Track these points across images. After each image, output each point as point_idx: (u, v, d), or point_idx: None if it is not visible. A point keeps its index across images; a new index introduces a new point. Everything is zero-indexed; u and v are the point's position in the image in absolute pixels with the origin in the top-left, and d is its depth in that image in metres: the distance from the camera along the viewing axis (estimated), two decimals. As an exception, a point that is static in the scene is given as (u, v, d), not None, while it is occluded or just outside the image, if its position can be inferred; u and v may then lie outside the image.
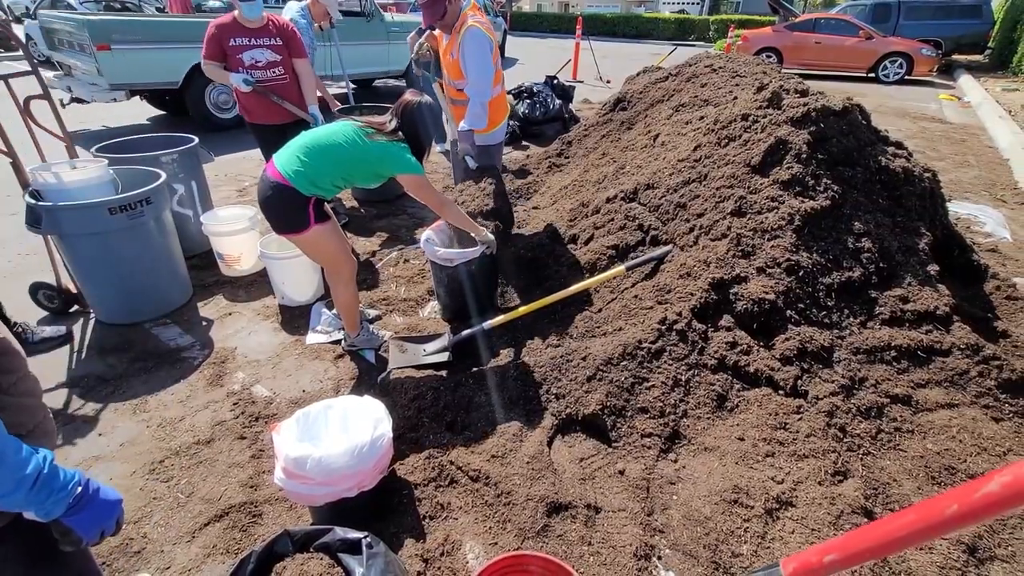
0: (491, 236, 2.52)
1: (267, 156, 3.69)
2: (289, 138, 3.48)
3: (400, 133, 2.21)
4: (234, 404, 2.33)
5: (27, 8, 13.55)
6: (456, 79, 2.92)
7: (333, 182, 2.16)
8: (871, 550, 0.64)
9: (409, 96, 2.24)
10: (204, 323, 2.92)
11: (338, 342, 2.73)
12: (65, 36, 6.21)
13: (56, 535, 0.90)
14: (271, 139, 3.58)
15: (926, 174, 2.64)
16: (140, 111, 7.68)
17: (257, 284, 3.31)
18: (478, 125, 2.84)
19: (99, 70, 5.74)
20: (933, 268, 2.36)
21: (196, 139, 3.51)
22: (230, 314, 3.01)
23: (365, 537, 1.33)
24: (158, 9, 8.32)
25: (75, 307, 2.99)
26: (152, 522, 1.81)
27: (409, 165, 2.17)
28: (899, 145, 2.77)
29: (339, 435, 1.74)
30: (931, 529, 0.58)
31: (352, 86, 9.57)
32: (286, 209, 2.16)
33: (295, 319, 2.96)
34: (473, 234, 2.50)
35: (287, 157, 2.14)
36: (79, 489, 0.88)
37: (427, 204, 2.32)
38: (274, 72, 3.42)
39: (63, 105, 6.34)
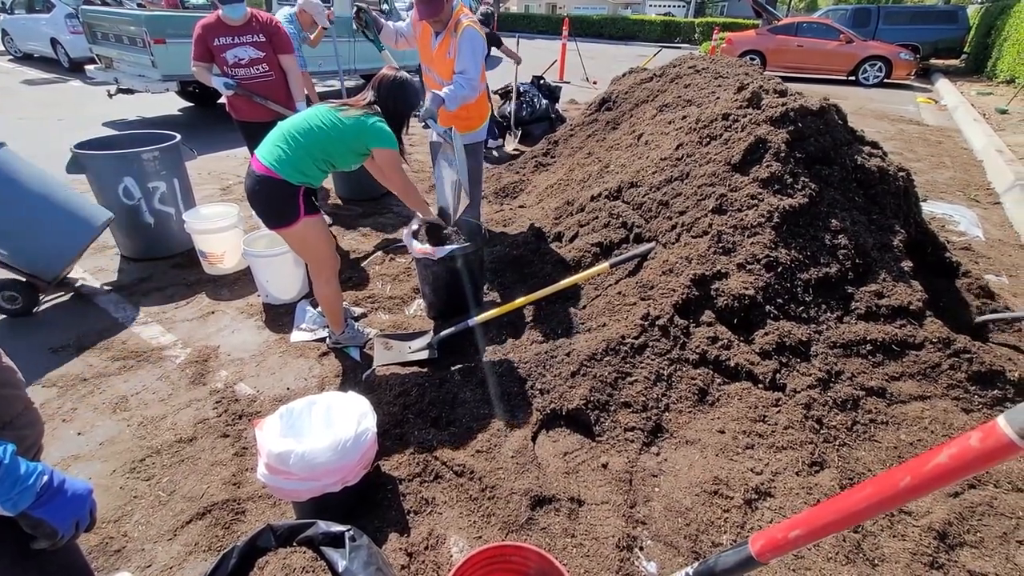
0: (433, 214, 2.63)
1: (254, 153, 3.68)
2: None
3: (376, 106, 2.21)
4: (217, 402, 2.31)
5: (3, 4, 13.26)
6: (448, 79, 2.84)
7: (317, 166, 2.16)
8: (833, 523, 0.67)
9: (387, 70, 2.25)
10: (186, 322, 2.89)
11: (323, 340, 2.72)
12: (112, 30, 6.51)
13: (28, 530, 0.87)
14: (259, 136, 3.55)
15: (900, 173, 2.71)
16: (173, 103, 8.09)
17: (240, 282, 3.28)
18: (451, 106, 2.72)
19: (153, 62, 6.08)
20: (907, 264, 2.42)
21: (178, 136, 3.47)
22: (213, 312, 2.98)
23: (348, 530, 1.33)
24: (139, 5, 8.21)
25: (43, 297, 2.92)
26: (132, 521, 1.79)
27: (384, 136, 2.15)
28: (874, 145, 2.84)
29: (322, 430, 1.74)
30: (888, 500, 0.61)
31: (360, 80, 9.69)
32: (275, 201, 2.16)
33: (279, 317, 2.94)
34: (420, 212, 2.58)
35: (268, 148, 2.15)
36: (44, 479, 0.86)
37: (391, 183, 2.35)
38: (258, 69, 3.40)
39: (110, 96, 6.56)
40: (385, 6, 8.71)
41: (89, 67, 7.24)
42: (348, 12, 7.97)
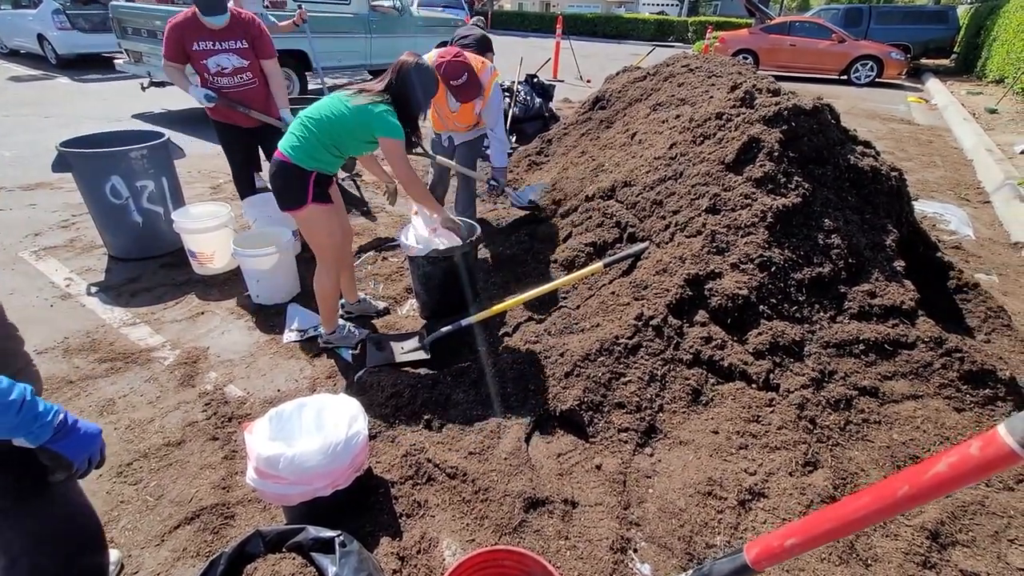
0: (454, 219, 2.61)
1: (231, 158, 3.55)
2: (259, 141, 3.43)
3: (389, 94, 2.23)
4: (206, 405, 2.28)
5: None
6: (465, 123, 3.24)
7: (328, 151, 2.23)
8: (830, 532, 0.66)
9: (407, 56, 2.26)
10: (175, 322, 2.85)
11: (314, 339, 2.69)
12: (145, 26, 6.61)
13: (46, 462, 1.01)
14: (237, 141, 3.45)
15: (893, 173, 2.72)
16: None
17: (231, 283, 3.24)
18: (503, 162, 3.21)
19: None
20: (899, 264, 2.42)
21: (166, 134, 3.42)
22: (202, 313, 2.94)
23: (338, 535, 1.32)
24: None
25: None
26: (119, 526, 1.76)
27: (388, 125, 2.16)
28: (867, 144, 2.85)
29: (313, 434, 1.71)
30: (885, 509, 0.60)
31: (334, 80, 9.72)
32: (287, 184, 2.25)
33: (270, 318, 2.91)
34: (434, 214, 2.56)
35: (287, 136, 2.26)
36: (60, 416, 1.00)
37: (394, 175, 2.35)
38: (242, 78, 3.22)
39: (143, 88, 6.72)
40: (398, 4, 8.69)
41: (118, 61, 7.35)
42: (365, 10, 8.03)
